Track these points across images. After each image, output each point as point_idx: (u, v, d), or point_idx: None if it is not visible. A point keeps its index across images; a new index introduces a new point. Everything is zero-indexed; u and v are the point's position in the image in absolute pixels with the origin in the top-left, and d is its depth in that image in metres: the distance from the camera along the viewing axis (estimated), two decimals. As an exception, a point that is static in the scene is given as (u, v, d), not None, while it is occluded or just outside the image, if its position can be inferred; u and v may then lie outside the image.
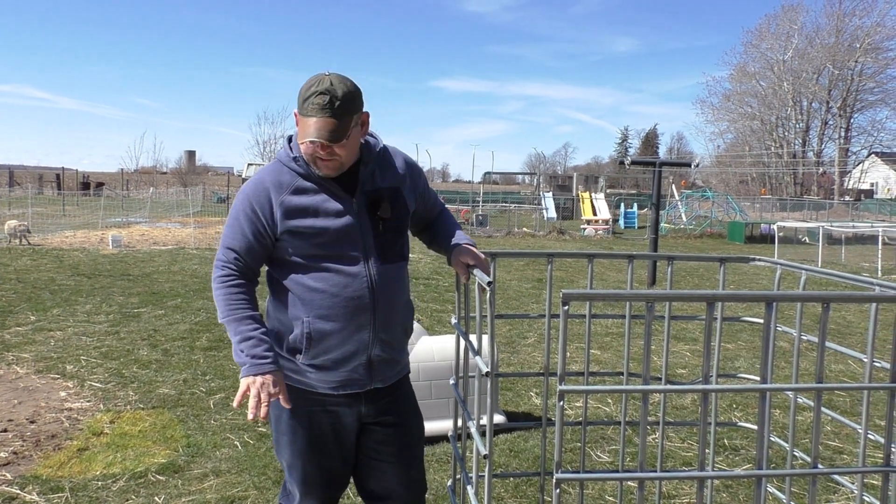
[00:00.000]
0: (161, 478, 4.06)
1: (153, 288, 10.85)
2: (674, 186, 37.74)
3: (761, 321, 2.48)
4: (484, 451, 2.03)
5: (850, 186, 53.52)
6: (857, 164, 55.99)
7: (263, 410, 2.19)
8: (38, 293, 10.04)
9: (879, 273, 16.12)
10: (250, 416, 2.19)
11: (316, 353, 2.31)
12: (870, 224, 20.93)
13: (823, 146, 55.84)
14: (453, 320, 2.74)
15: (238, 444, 4.61)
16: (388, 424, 2.48)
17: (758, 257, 2.88)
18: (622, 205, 35.48)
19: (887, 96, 52.76)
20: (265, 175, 2.34)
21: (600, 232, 27.72)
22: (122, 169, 67.92)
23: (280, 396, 2.24)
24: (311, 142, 2.18)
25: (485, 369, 2.00)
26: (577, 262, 15.69)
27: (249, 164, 44.85)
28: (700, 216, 32.46)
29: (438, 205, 2.67)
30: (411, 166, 2.51)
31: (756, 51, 55.84)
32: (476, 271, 2.33)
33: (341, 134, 2.18)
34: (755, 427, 2.51)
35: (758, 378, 2.26)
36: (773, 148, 54.88)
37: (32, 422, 4.91)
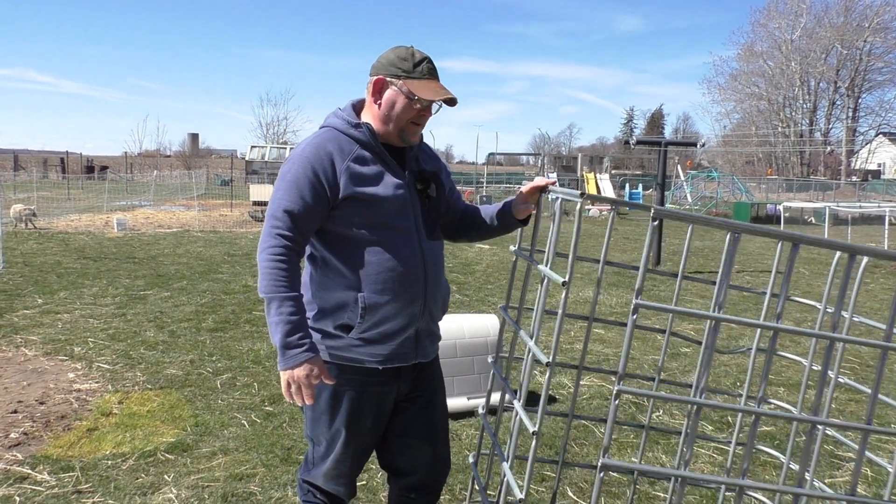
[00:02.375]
0: (170, 456, 4.10)
1: (159, 270, 10.88)
2: (679, 167, 37.59)
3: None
4: (533, 429, 2.03)
5: (857, 167, 53.28)
6: (865, 145, 55.71)
7: (307, 399, 2.20)
8: (44, 276, 10.09)
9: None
10: (300, 404, 2.23)
11: (369, 326, 2.31)
12: (877, 204, 20.83)
13: (831, 126, 55.64)
14: (501, 308, 2.77)
15: (245, 422, 4.64)
16: (419, 401, 2.52)
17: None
18: (627, 185, 35.35)
19: (895, 76, 52.37)
20: (323, 141, 2.31)
21: (604, 213, 27.65)
22: (125, 152, 68.02)
23: (322, 377, 2.22)
24: (449, 100, 2.32)
25: (545, 359, 2.00)
26: (583, 242, 15.65)
27: (253, 147, 44.87)
28: (706, 197, 32.34)
29: (460, 198, 2.70)
30: (439, 159, 2.61)
31: (764, 30, 55.49)
32: (552, 194, 2.35)
33: None
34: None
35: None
36: (779, 128, 54.57)
37: (42, 403, 4.96)
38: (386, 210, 2.29)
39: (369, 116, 2.38)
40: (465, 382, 4.92)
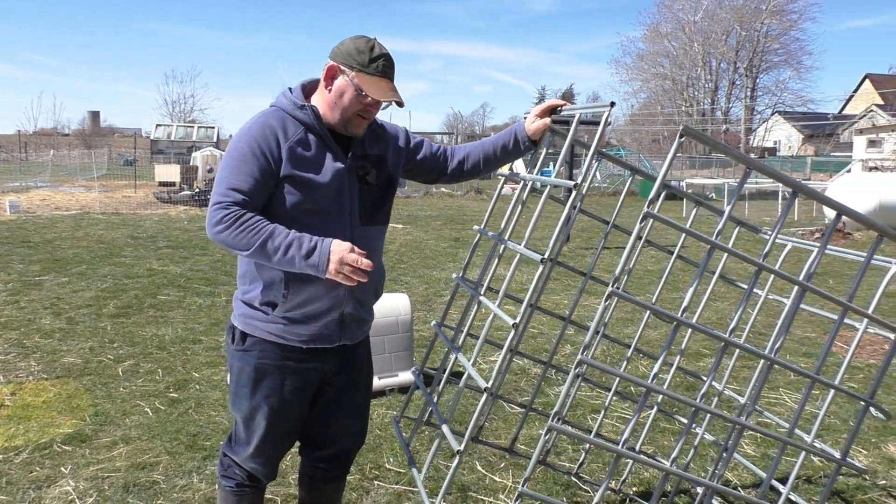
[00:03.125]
0: (67, 448, 3.94)
1: (56, 255, 10.39)
2: (584, 149, 38.24)
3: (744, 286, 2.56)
4: (485, 385, 2.16)
5: (755, 144, 55.71)
6: (762, 123, 58.30)
7: (363, 263, 2.14)
8: (-72, 263, 9.48)
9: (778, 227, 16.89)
10: (363, 279, 2.17)
11: (292, 305, 2.31)
12: (770, 181, 21.84)
13: (731, 105, 57.90)
14: (454, 276, 2.90)
15: (149, 410, 4.50)
16: (343, 381, 2.53)
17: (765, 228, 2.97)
18: (538, 164, 35.86)
19: (790, 57, 55.04)
20: (269, 119, 2.30)
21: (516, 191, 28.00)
22: (19, 131, 64.29)
23: (355, 251, 2.17)
24: (391, 102, 2.30)
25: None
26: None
27: (158, 125, 43.21)
28: (614, 174, 33.21)
29: (439, 147, 2.73)
30: (394, 133, 2.59)
31: (668, 11, 57.06)
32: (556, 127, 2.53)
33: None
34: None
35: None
36: (683, 107, 56.45)
37: (-75, 396, 4.67)
38: (321, 194, 2.28)
39: (319, 100, 2.36)
40: (376, 362, 4.89)
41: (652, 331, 6.69)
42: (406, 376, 4.92)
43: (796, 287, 2.30)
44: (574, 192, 2.20)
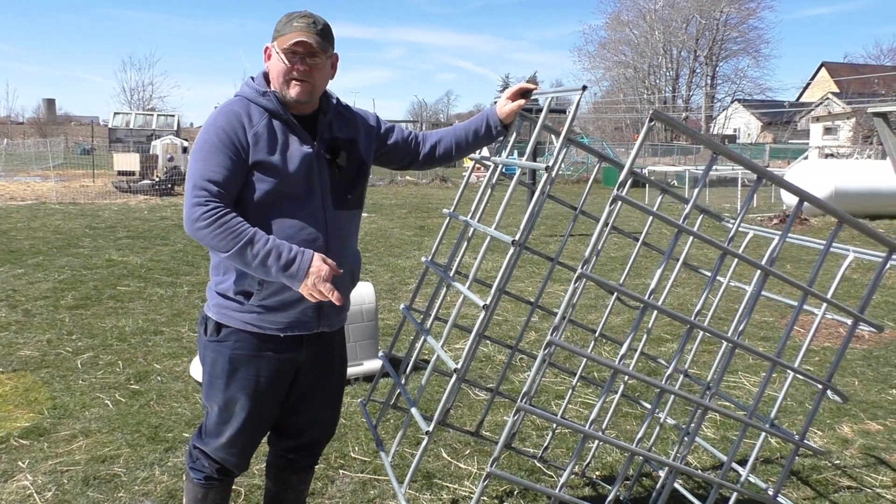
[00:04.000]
0: (24, 442, 3.86)
1: (11, 246, 10.14)
2: (552, 135, 38.47)
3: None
4: (454, 366, 2.20)
5: (715, 132, 56.49)
6: (722, 111, 59.13)
7: (334, 296, 2.17)
8: None
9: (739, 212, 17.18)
10: (337, 302, 2.19)
11: (267, 293, 2.31)
12: (731, 167, 22.18)
13: (692, 93, 58.56)
14: (424, 258, 2.92)
15: (109, 402, 4.43)
16: (317, 370, 2.52)
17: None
18: (503, 152, 35.93)
19: (748, 46, 55.87)
20: (234, 107, 2.30)
21: (482, 179, 28.06)
22: (-30, 119, 62.55)
23: (329, 266, 2.20)
24: (298, 42, 2.23)
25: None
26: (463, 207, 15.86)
27: (116, 114, 42.34)
28: (577, 162, 33.42)
29: (411, 132, 2.74)
30: (364, 118, 2.58)
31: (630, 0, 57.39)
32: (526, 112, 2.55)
33: (324, 47, 2.28)
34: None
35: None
36: (645, 95, 56.96)
37: None
38: (290, 180, 2.28)
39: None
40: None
41: (615, 317, 6.76)
42: (371, 364, 4.91)
43: (759, 272, 2.34)
44: (545, 175, 2.20)
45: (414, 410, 2.42)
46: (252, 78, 2.40)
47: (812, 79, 60.23)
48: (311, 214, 2.31)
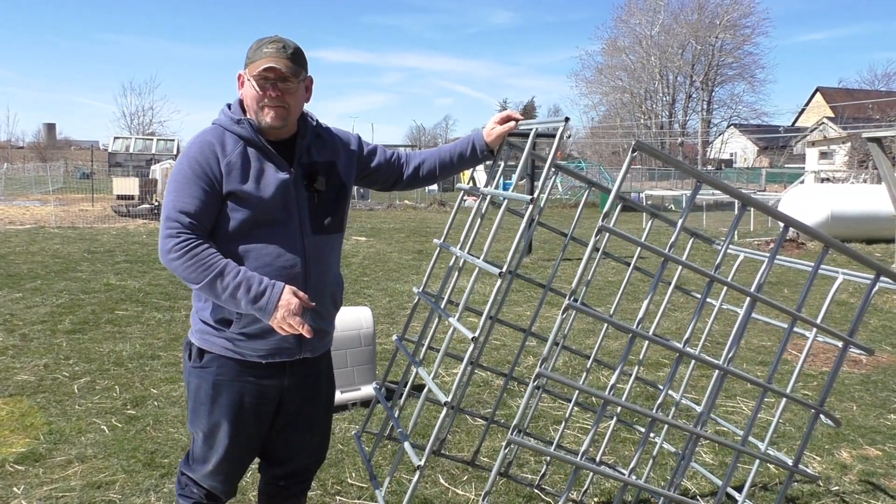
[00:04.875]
0: (20, 467, 3.84)
1: (9, 270, 10.14)
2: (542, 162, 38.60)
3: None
4: (444, 399, 2.19)
5: (711, 156, 56.81)
6: (718, 136, 59.51)
7: (304, 329, 2.17)
8: None
9: (735, 237, 17.25)
10: (308, 335, 2.19)
11: (247, 321, 2.31)
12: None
13: (688, 118, 58.97)
14: (415, 289, 2.92)
15: (105, 428, 4.42)
16: (302, 396, 2.51)
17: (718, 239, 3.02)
18: (500, 176, 36.03)
19: (744, 71, 56.37)
20: (207, 137, 2.31)
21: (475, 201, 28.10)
22: (-29, 143, 62.76)
23: (303, 301, 2.22)
24: (269, 69, 2.22)
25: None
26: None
27: (116, 138, 42.52)
28: (575, 186, 33.53)
29: (393, 152, 2.73)
30: (345, 140, 2.57)
31: (626, 26, 58.02)
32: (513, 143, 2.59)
33: (296, 72, 2.27)
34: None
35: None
36: (642, 120, 57.34)
37: None
38: (265, 207, 2.28)
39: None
40: (338, 376, 4.87)
41: (613, 341, 6.77)
42: (368, 390, 4.90)
43: (748, 297, 2.36)
44: (531, 206, 2.23)
45: (406, 445, 2.42)
46: (228, 105, 2.40)
47: (807, 104, 60.75)
48: (288, 240, 2.31)
